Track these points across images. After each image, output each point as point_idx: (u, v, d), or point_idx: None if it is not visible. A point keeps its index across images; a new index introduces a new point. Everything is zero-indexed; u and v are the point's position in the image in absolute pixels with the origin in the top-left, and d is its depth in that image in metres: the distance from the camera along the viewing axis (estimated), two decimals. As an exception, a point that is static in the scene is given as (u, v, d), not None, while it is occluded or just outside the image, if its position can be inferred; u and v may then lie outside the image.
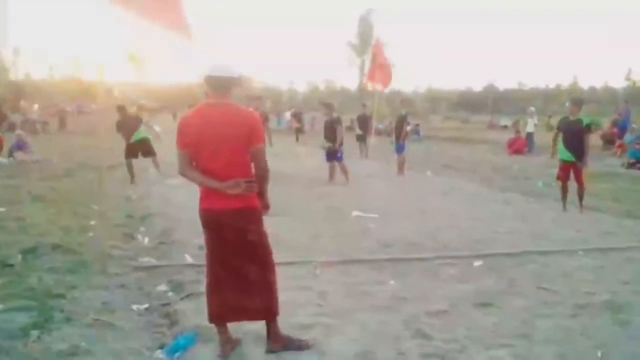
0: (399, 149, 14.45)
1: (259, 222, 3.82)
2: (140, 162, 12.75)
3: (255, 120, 3.73)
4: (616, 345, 4.10)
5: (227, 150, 3.61)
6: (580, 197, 9.40)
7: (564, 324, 4.50)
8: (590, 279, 5.71)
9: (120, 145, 12.61)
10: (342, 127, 12.90)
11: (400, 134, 14.41)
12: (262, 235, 3.84)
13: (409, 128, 27.46)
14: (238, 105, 3.72)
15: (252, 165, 3.70)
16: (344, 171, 12.54)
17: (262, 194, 3.78)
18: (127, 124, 12.37)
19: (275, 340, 3.91)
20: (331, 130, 12.68)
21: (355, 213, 8.79)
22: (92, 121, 31.21)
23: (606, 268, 6.11)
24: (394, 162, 14.73)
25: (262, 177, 3.73)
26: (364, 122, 20.17)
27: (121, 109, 12.49)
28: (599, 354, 3.93)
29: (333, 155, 12.69)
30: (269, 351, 3.88)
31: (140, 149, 12.41)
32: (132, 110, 16.10)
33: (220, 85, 3.68)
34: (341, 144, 12.60)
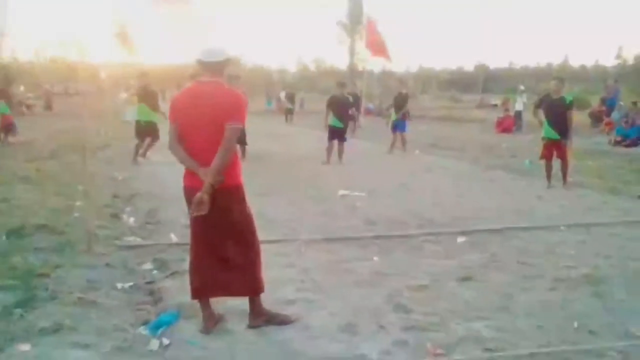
0: (401, 127, 14.64)
1: (241, 201, 3.84)
2: (129, 144, 12.71)
3: (238, 100, 3.72)
4: (593, 316, 4.18)
5: (208, 129, 3.63)
6: (564, 173, 9.56)
7: (543, 297, 4.58)
8: (571, 253, 5.79)
9: (106, 126, 12.57)
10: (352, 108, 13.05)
11: (402, 112, 14.64)
12: (245, 214, 3.85)
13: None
14: (226, 85, 3.74)
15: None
16: (341, 151, 12.49)
17: (214, 167, 3.60)
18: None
19: (258, 316, 3.95)
20: (343, 110, 12.66)
21: (341, 192, 8.83)
22: (78, 103, 30.96)
23: (588, 243, 6.19)
24: (388, 141, 14.78)
25: (222, 155, 3.60)
26: (354, 101, 20.15)
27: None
28: (575, 325, 4.01)
29: (339, 134, 12.57)
30: (251, 326, 3.93)
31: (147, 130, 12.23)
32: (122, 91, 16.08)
33: (210, 68, 3.76)
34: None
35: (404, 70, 62.84)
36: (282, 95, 32.28)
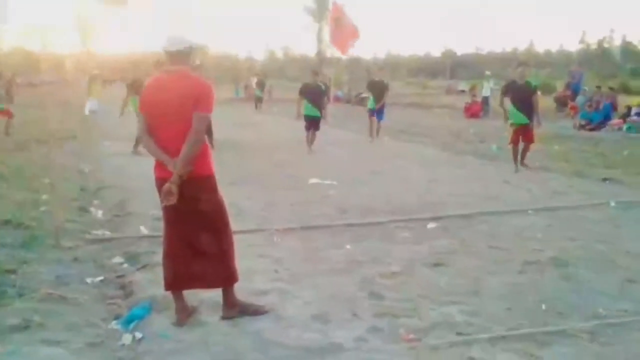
0: (379, 115, 14.49)
1: (213, 191, 3.80)
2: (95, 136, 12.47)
3: (204, 89, 3.67)
4: (560, 298, 4.28)
5: (176, 120, 3.58)
6: (525, 153, 9.85)
7: (512, 280, 4.66)
8: (539, 237, 5.90)
9: (71, 117, 12.30)
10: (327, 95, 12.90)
11: (380, 100, 14.36)
12: (217, 204, 3.81)
13: (367, 94, 27.48)
14: (191, 73, 3.69)
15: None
16: (313, 139, 12.44)
17: (182, 158, 3.56)
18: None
19: (231, 307, 3.94)
20: (318, 98, 12.47)
21: (312, 180, 8.83)
22: (41, 93, 30.26)
23: (554, 226, 6.32)
24: (359, 128, 14.82)
25: (190, 145, 3.55)
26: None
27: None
28: (544, 307, 4.10)
29: (315, 123, 12.44)
30: (225, 317, 3.91)
31: None
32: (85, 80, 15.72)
33: (174, 57, 3.71)
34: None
35: (371, 56, 62.99)
36: (253, 81, 32.01)
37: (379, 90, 14.51)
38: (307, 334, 3.70)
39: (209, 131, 11.77)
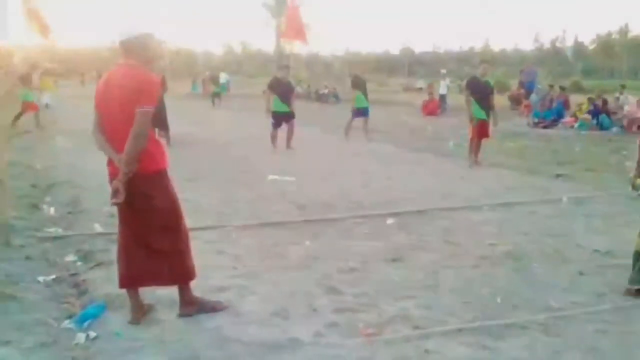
0: (365, 113, 14.06)
1: (165, 187, 3.72)
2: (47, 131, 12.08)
3: (145, 80, 3.54)
4: (514, 291, 4.38)
5: (122, 115, 3.50)
6: (478, 149, 10.21)
7: (467, 274, 4.74)
8: (494, 231, 6.02)
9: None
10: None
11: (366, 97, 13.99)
12: (168, 201, 3.73)
13: (326, 91, 27.45)
14: (137, 66, 3.58)
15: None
16: (290, 134, 12.08)
17: (125, 154, 3.46)
18: None
19: (188, 304, 3.89)
20: (288, 94, 12.16)
21: (271, 176, 8.79)
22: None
23: (508, 221, 6.46)
24: (321, 124, 14.69)
25: (133, 140, 3.44)
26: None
27: None
28: (498, 300, 4.18)
29: (286, 119, 12.03)
30: (182, 315, 3.86)
31: None
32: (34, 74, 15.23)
33: (125, 47, 3.62)
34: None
35: (329, 53, 63.13)
36: (207, 75, 31.74)
37: (362, 86, 14.11)
38: (266, 330, 3.68)
39: (164, 126, 11.60)
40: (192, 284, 3.91)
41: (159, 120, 11.04)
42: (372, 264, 4.99)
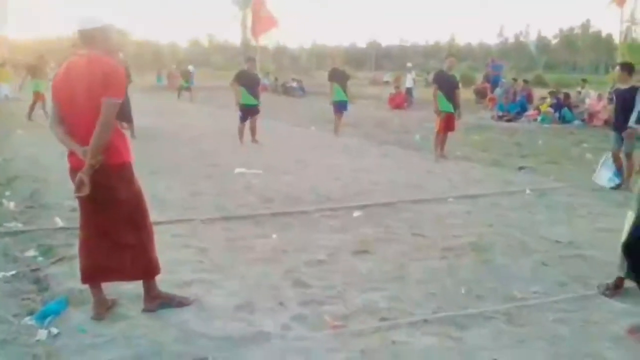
0: (342, 107, 13.38)
1: (128, 180, 3.65)
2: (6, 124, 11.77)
3: (112, 71, 3.46)
4: (479, 281, 4.44)
5: (85, 106, 3.41)
6: (444, 142, 10.31)
7: (433, 265, 4.79)
8: (459, 223, 6.10)
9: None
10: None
11: (346, 90, 13.28)
12: (133, 193, 3.67)
13: (293, 84, 27.30)
14: (101, 57, 3.50)
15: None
16: (254, 128, 11.93)
17: (91, 146, 3.39)
18: None
19: (153, 299, 3.83)
20: (255, 86, 11.96)
21: (237, 170, 8.73)
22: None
23: (473, 213, 6.54)
24: (286, 117, 14.56)
25: (99, 132, 3.38)
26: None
27: None
28: (463, 291, 4.24)
29: (253, 112, 11.86)
30: (147, 310, 3.80)
31: None
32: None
33: (86, 37, 3.53)
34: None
35: (297, 46, 62.97)
36: (173, 68, 31.28)
37: (341, 79, 13.33)
38: (232, 324, 3.66)
39: (128, 118, 11.40)
40: (158, 278, 3.86)
41: (123, 112, 10.85)
42: (339, 256, 5.00)
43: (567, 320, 3.81)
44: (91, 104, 3.39)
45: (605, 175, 8.15)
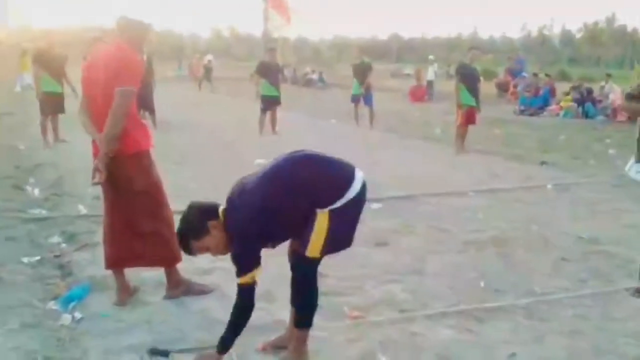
0: (368, 100, 13.33)
1: (146, 169, 3.69)
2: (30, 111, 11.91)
3: (127, 60, 3.52)
4: (498, 276, 4.42)
5: (104, 94, 3.48)
6: (465, 136, 10.22)
7: (453, 259, 4.79)
8: (479, 217, 6.07)
9: (2, 94, 11.71)
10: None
11: (364, 83, 13.16)
12: (150, 184, 3.71)
13: (314, 76, 27.24)
14: (122, 47, 3.56)
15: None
16: (274, 120, 12.01)
17: (104, 134, 3.46)
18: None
19: (174, 287, 3.89)
20: (277, 77, 12.03)
21: (257, 161, 8.75)
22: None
23: (494, 207, 6.51)
24: (306, 109, 14.57)
25: (111, 120, 3.43)
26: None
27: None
28: (483, 285, 4.23)
29: (275, 103, 11.93)
30: (168, 297, 3.86)
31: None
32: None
33: (121, 27, 3.63)
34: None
35: (318, 38, 62.85)
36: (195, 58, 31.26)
37: (360, 72, 13.26)
38: (252, 313, 3.69)
39: (150, 108, 11.49)
40: (179, 265, 3.90)
41: (146, 102, 10.94)
42: (358, 248, 4.96)
43: (587, 315, 3.79)
44: (108, 93, 3.45)
45: (636, 168, 7.99)
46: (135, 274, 4.00)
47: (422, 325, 3.58)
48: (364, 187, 2.95)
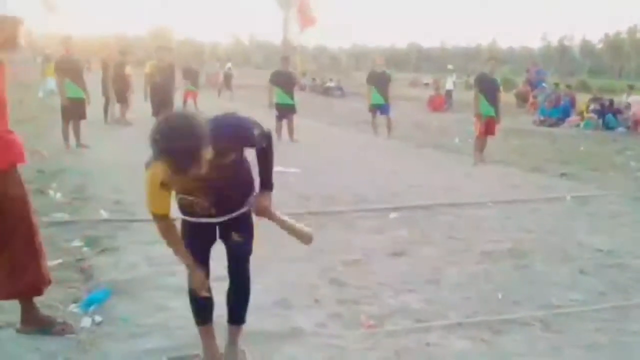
0: (385, 110, 13.15)
1: (16, 187, 3.37)
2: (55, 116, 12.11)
3: None
4: (515, 288, 4.41)
5: None
6: (484, 146, 10.17)
7: (470, 270, 4.77)
8: (497, 228, 6.05)
9: (26, 100, 11.88)
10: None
11: (385, 93, 12.98)
12: (19, 205, 3.33)
13: (332, 84, 27.32)
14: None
15: None
16: (292, 129, 12.12)
17: None
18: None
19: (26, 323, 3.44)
20: (291, 85, 12.18)
21: (276, 168, 8.79)
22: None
23: (512, 218, 6.48)
24: (325, 117, 14.61)
25: None
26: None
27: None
28: (500, 296, 4.22)
29: (290, 111, 12.06)
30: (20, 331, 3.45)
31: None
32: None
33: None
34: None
35: (337, 47, 63.03)
36: (217, 67, 31.49)
37: (383, 82, 13.01)
38: (269, 319, 3.73)
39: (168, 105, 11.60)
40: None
41: (166, 109, 11.03)
42: (374, 257, 5.03)
43: (605, 329, 3.76)
44: None
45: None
46: (153, 279, 4.04)
47: (438, 335, 3.59)
48: None
